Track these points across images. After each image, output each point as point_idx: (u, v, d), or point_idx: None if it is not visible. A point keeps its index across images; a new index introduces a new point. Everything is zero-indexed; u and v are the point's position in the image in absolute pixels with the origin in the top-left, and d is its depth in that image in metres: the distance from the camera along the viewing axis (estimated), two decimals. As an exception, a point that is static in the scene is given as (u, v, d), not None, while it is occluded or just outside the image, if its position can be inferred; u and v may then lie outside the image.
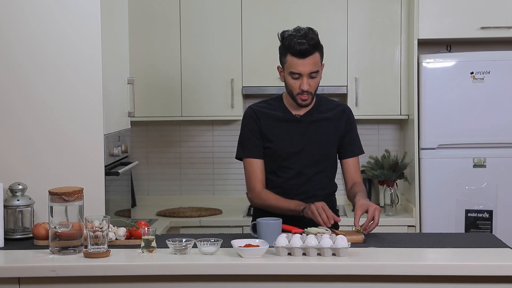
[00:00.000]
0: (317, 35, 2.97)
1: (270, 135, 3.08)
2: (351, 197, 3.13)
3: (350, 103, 4.43)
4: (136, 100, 3.74)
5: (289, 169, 3.08)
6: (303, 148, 3.07)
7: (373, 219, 2.87)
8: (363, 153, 3.22)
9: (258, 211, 3.14)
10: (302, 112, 3.09)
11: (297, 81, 2.97)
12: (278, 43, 4.46)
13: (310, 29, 2.98)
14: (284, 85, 3.08)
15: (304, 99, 3.00)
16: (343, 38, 4.43)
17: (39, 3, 3.11)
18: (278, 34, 3.02)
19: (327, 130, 3.10)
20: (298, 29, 2.97)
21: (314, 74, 2.97)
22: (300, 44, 2.91)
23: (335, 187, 3.21)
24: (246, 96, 4.60)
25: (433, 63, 4.16)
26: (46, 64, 3.12)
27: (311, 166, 3.08)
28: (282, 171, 3.09)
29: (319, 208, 2.87)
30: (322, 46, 3.01)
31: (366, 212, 2.90)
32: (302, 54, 2.92)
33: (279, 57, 3.04)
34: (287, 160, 3.08)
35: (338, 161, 3.21)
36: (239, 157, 3.15)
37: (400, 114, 4.45)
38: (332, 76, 4.44)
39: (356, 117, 4.47)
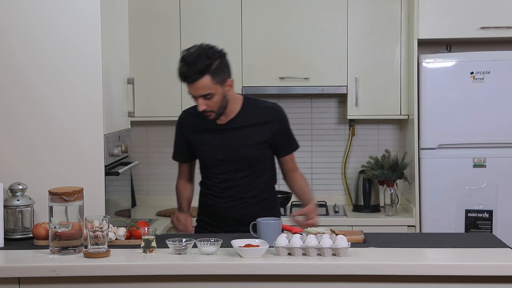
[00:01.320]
0: (211, 58, 2.91)
1: (196, 144, 3.18)
2: (298, 193, 3.28)
3: (350, 103, 4.43)
4: (136, 100, 3.74)
5: (217, 174, 3.17)
6: (226, 156, 3.12)
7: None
8: (299, 147, 3.29)
9: (201, 209, 3.32)
10: (225, 120, 3.12)
11: (196, 100, 3.00)
12: (278, 43, 4.49)
13: (201, 51, 2.92)
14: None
15: (207, 115, 3.04)
16: (343, 38, 4.43)
17: (39, 3, 3.11)
18: (181, 52, 3.03)
19: (252, 135, 3.12)
20: (189, 52, 2.94)
21: (208, 96, 2.95)
22: (181, 70, 2.94)
23: (268, 185, 3.24)
24: (246, 96, 4.59)
25: (433, 63, 4.16)
26: (46, 64, 3.12)
27: (236, 172, 3.14)
28: (211, 176, 3.19)
29: (174, 220, 3.24)
30: (217, 68, 2.94)
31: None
32: (186, 79, 2.95)
33: None
34: (214, 168, 3.16)
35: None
36: (172, 158, 3.34)
37: (400, 114, 4.45)
38: (332, 76, 4.44)
39: (356, 117, 4.53)
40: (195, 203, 3.38)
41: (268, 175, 3.23)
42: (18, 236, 2.95)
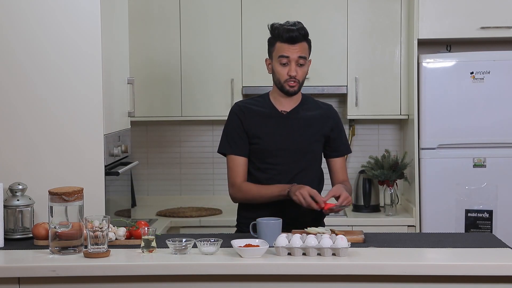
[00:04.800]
0: (306, 30, 3.05)
1: (256, 132, 3.09)
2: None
3: (350, 103, 4.43)
4: (136, 100, 3.74)
5: (275, 165, 3.08)
6: (288, 145, 3.08)
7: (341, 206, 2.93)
8: (350, 152, 3.28)
9: (242, 207, 3.17)
10: (288, 108, 3.11)
11: (285, 68, 3.02)
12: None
13: (300, 22, 3.06)
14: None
15: (292, 85, 3.04)
16: (343, 38, 4.43)
17: (39, 3, 3.11)
18: (268, 25, 3.07)
19: (313, 127, 3.12)
20: (288, 21, 3.07)
21: (302, 61, 3.02)
22: (289, 31, 3.00)
23: (321, 183, 3.19)
24: (246, 96, 4.58)
25: (433, 63, 4.16)
26: (46, 64, 3.12)
27: (295, 163, 3.08)
28: (268, 167, 3.08)
29: (303, 194, 2.88)
30: (310, 40, 3.08)
31: (336, 197, 2.94)
32: (292, 40, 2.99)
33: (268, 48, 3.09)
34: (273, 157, 3.08)
35: (324, 167, 3.21)
36: (222, 152, 3.15)
37: (400, 114, 4.45)
38: (332, 76, 4.44)
39: (356, 117, 4.53)
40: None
41: (317, 176, 3.16)
42: (18, 236, 2.95)
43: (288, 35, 2.99)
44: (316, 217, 3.07)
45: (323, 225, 3.13)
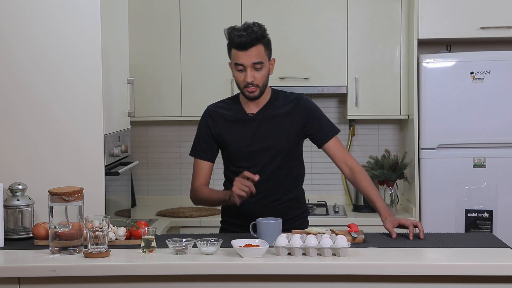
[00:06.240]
0: (263, 30, 2.96)
1: (225, 136, 3.08)
2: (366, 198, 3.09)
3: (350, 103, 4.43)
4: (136, 100, 3.74)
5: (247, 167, 3.02)
6: (258, 147, 3.06)
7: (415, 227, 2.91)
8: (339, 131, 3.15)
9: (225, 210, 3.18)
10: (255, 110, 3.08)
11: (242, 74, 2.97)
12: (278, 43, 4.48)
13: (255, 23, 2.97)
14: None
15: (250, 91, 2.98)
16: (343, 38, 4.43)
17: (39, 3, 3.11)
18: (224, 30, 3.02)
19: (283, 126, 3.07)
20: (242, 25, 2.99)
21: (258, 66, 2.95)
22: (240, 36, 2.92)
23: (297, 181, 3.18)
24: (246, 96, 4.60)
25: (433, 63, 4.16)
26: (46, 64, 3.12)
27: (268, 164, 3.06)
28: (241, 171, 3.00)
29: (235, 191, 2.83)
30: (268, 40, 3.00)
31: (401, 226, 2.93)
32: (242, 46, 2.92)
33: (227, 53, 3.03)
34: (244, 160, 3.07)
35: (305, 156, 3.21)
36: (190, 154, 3.19)
37: (400, 114, 4.45)
38: (332, 76, 4.44)
39: (356, 117, 4.53)
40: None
41: (298, 172, 3.17)
42: (18, 236, 2.95)
43: (238, 41, 2.92)
44: (296, 215, 3.08)
45: (306, 224, 3.16)
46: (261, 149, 3.05)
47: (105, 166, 3.19)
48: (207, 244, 2.63)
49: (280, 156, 3.07)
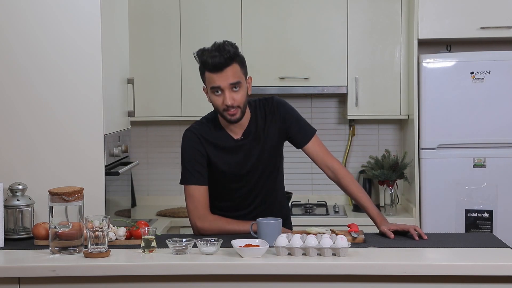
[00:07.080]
0: (235, 47, 2.85)
1: (216, 162, 2.98)
2: (356, 203, 3.08)
3: (350, 103, 4.43)
4: (136, 100, 3.74)
5: (240, 187, 3.02)
6: (249, 168, 3.01)
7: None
8: (315, 130, 3.08)
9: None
10: (240, 133, 2.99)
11: (220, 97, 2.85)
12: (278, 43, 4.49)
13: (225, 42, 2.86)
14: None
15: (231, 113, 2.86)
16: (343, 38, 4.43)
17: (39, 3, 3.11)
18: (193, 54, 2.90)
19: (269, 140, 3.01)
20: (212, 45, 2.86)
21: (236, 86, 2.84)
22: (213, 57, 2.80)
23: (282, 185, 3.18)
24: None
25: (433, 63, 4.16)
26: (46, 64, 3.12)
27: (259, 181, 3.04)
28: (233, 190, 3.02)
29: None
30: (243, 58, 2.90)
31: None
32: (217, 67, 2.80)
33: (201, 77, 2.91)
34: (236, 182, 3.02)
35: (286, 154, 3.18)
36: (183, 183, 3.02)
37: (400, 114, 4.45)
38: (332, 76, 4.44)
39: (356, 117, 4.53)
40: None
41: (281, 174, 3.15)
42: (18, 236, 2.95)
43: (212, 62, 2.79)
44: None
45: (290, 223, 3.18)
46: (252, 169, 3.02)
47: (105, 166, 3.19)
48: (207, 244, 2.63)
49: (269, 168, 3.06)
